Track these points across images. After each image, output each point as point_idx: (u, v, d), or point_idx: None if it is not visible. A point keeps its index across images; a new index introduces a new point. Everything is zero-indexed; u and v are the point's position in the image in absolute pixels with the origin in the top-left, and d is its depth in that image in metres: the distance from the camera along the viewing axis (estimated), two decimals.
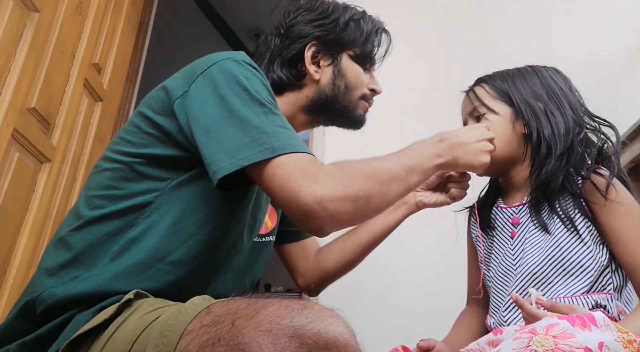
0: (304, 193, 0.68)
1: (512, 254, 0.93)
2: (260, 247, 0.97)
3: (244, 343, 0.49)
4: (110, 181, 0.78)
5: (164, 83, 0.82)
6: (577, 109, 0.95)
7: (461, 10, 1.99)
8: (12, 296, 1.25)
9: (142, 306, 0.65)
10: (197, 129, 0.74)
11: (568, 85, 0.99)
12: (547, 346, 0.60)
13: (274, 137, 0.72)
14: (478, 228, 1.02)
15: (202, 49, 4.25)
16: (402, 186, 0.79)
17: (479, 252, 1.03)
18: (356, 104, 1.01)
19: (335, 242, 1.11)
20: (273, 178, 0.70)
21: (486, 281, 0.99)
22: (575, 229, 0.86)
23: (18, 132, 1.28)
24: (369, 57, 1.03)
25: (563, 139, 0.91)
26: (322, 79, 0.99)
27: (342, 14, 1.02)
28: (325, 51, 1.00)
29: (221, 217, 0.80)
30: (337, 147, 1.09)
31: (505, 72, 1.02)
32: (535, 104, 0.95)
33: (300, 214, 0.69)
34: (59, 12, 1.45)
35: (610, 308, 0.82)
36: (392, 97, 1.13)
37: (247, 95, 0.75)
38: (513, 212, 0.96)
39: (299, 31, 1.00)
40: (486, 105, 0.98)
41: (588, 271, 0.84)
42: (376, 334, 0.90)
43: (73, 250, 0.74)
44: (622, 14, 1.83)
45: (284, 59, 1.00)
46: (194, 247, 0.76)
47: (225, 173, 0.69)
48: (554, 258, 0.86)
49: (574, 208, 0.88)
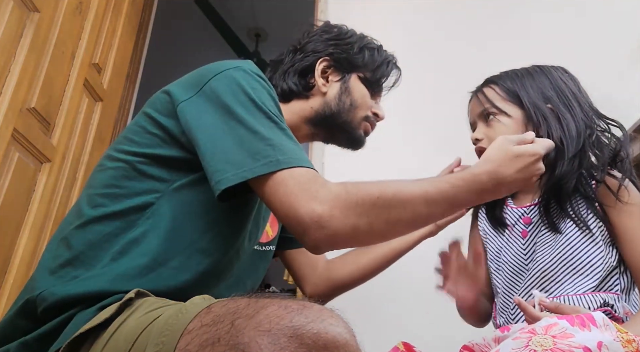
0: (303, 210, 0.68)
1: (523, 253, 0.93)
2: (261, 256, 0.98)
3: (243, 343, 0.49)
4: (113, 179, 0.78)
5: (168, 87, 0.82)
6: (587, 111, 0.94)
7: (461, 10, 1.99)
8: (12, 295, 1.25)
9: (143, 305, 0.65)
10: (201, 137, 0.74)
11: (577, 86, 0.98)
12: (546, 345, 0.61)
13: (279, 151, 0.71)
14: (489, 227, 1.02)
15: (202, 49, 4.24)
16: (418, 220, 0.74)
17: (489, 250, 1.02)
18: (358, 124, 1.03)
19: (349, 256, 1.12)
20: (275, 192, 0.70)
21: (493, 279, 0.99)
22: (588, 229, 0.86)
23: (18, 132, 1.28)
24: (377, 83, 1.06)
25: (575, 141, 0.90)
26: (329, 93, 1.01)
27: (358, 40, 1.05)
28: (336, 68, 1.03)
29: (223, 226, 0.80)
30: (337, 151, 1.09)
31: (513, 72, 1.00)
32: (545, 106, 0.94)
33: (299, 230, 0.69)
34: (59, 12, 1.45)
35: (617, 308, 0.82)
36: (393, 100, 1.13)
37: (253, 106, 0.75)
38: (524, 212, 0.96)
39: (314, 47, 1.04)
40: (498, 108, 0.96)
41: (597, 270, 0.84)
42: (376, 334, 0.90)
43: (73, 249, 0.74)
44: (622, 14, 1.83)
45: (296, 70, 1.03)
46: (195, 255, 0.76)
47: (229, 185, 0.69)
48: (565, 257, 0.87)
49: (586, 209, 0.88)
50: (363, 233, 0.71)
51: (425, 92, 1.80)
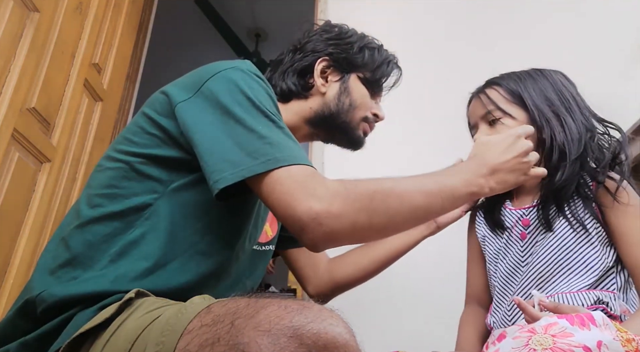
0: (300, 208, 0.67)
1: (521, 254, 0.93)
2: (260, 256, 0.98)
3: (243, 343, 0.49)
4: (112, 179, 0.78)
5: (166, 88, 0.82)
6: (587, 114, 0.94)
7: (461, 10, 1.99)
8: (12, 295, 1.26)
9: (143, 305, 0.65)
10: (198, 136, 0.73)
11: (575, 90, 0.98)
12: (545, 344, 0.61)
13: (277, 149, 0.71)
14: (487, 228, 1.02)
15: (202, 49, 4.23)
16: (417, 213, 0.74)
17: (487, 252, 1.02)
18: (357, 124, 1.02)
19: (350, 256, 1.12)
20: (272, 191, 0.69)
21: (491, 280, 1.00)
22: (585, 229, 0.87)
23: (18, 132, 1.28)
24: (377, 84, 1.05)
25: (577, 144, 0.90)
26: (328, 93, 1.01)
27: (358, 40, 1.04)
28: (335, 68, 1.02)
29: (222, 227, 0.80)
30: (337, 151, 1.09)
31: (514, 74, 1.00)
32: (547, 109, 0.94)
33: (296, 228, 0.69)
34: (59, 12, 1.46)
35: (613, 306, 0.82)
36: (393, 100, 1.13)
37: (251, 105, 0.75)
38: (523, 213, 0.96)
39: (314, 46, 1.03)
40: (502, 110, 0.95)
41: (592, 269, 0.85)
42: (377, 334, 0.91)
43: (72, 250, 0.74)
44: (622, 14, 1.83)
45: (295, 69, 1.02)
46: (195, 257, 0.76)
47: (228, 184, 0.69)
48: (559, 257, 0.87)
49: (583, 210, 0.88)
50: (362, 229, 0.70)
51: (425, 91, 1.80)
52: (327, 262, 1.14)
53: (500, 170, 0.80)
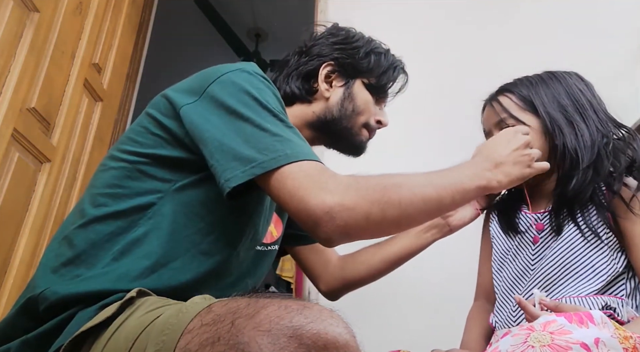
0: (313, 201, 0.67)
1: (531, 258, 0.93)
2: (264, 256, 0.97)
3: (243, 342, 0.49)
4: (115, 179, 0.79)
5: (168, 93, 0.82)
6: (603, 119, 0.93)
7: (463, 12, 1.99)
8: (13, 295, 1.26)
9: (144, 304, 0.65)
10: (207, 136, 0.73)
11: (592, 93, 0.96)
12: (543, 341, 0.61)
13: (287, 145, 0.71)
14: (499, 229, 1.01)
15: (202, 49, 4.23)
16: (429, 205, 0.74)
17: (494, 251, 1.02)
18: (359, 130, 1.02)
19: (361, 255, 1.11)
20: (284, 186, 0.69)
21: (495, 280, 0.99)
22: (597, 236, 0.86)
23: (18, 132, 1.29)
24: (382, 89, 1.05)
25: (589, 151, 0.88)
26: (331, 98, 1.01)
27: (365, 44, 1.04)
28: (340, 73, 1.02)
29: (225, 228, 0.80)
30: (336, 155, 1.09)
31: (527, 79, 0.98)
32: (560, 115, 0.92)
33: (310, 223, 0.69)
34: (59, 12, 1.46)
35: (620, 312, 0.82)
36: (397, 101, 1.13)
37: (258, 105, 0.75)
38: (538, 218, 0.95)
39: (319, 50, 1.03)
40: (515, 117, 0.94)
41: (600, 275, 0.84)
42: (380, 333, 0.91)
43: (75, 248, 0.74)
44: (622, 14, 1.83)
45: (300, 73, 1.02)
46: (197, 257, 0.76)
47: (240, 182, 0.69)
48: (567, 261, 0.86)
49: (597, 217, 0.87)
50: (376, 222, 0.70)
51: (429, 92, 1.80)
52: (337, 259, 1.14)
53: (503, 164, 0.82)
